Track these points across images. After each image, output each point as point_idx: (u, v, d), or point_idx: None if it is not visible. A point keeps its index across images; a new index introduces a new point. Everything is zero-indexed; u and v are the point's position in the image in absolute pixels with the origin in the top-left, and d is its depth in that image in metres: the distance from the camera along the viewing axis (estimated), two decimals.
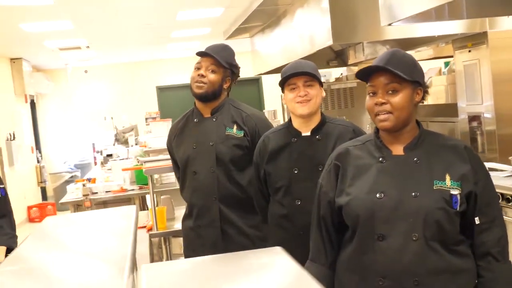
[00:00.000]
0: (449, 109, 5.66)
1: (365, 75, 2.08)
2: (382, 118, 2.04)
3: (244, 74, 3.61)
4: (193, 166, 3.11)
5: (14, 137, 9.67)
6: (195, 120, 3.18)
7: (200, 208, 3.11)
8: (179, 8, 7.21)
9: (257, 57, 8.86)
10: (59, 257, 1.90)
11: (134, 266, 1.69)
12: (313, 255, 2.27)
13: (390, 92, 2.02)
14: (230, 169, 3.06)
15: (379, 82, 2.03)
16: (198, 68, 3.09)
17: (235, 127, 3.09)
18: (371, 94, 2.07)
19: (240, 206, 3.07)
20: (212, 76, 3.07)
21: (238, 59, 3.22)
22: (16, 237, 3.37)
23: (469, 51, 5.21)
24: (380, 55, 2.10)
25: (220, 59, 3.07)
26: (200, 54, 3.11)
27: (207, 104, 3.13)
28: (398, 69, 2.00)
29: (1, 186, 3.37)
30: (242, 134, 3.08)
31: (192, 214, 3.18)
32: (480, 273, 2.04)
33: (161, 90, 13.23)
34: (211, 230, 3.09)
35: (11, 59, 10.30)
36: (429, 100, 2.34)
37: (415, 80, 2.05)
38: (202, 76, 3.06)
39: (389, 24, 3.91)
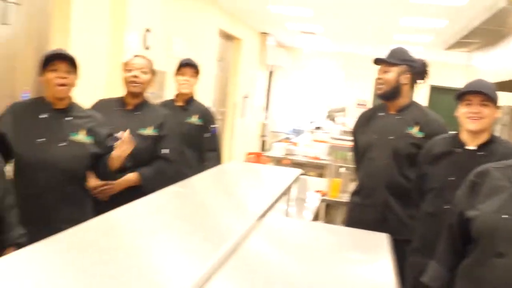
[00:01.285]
0: None
1: None
2: None
3: (454, 84, 3.53)
4: (371, 153, 3.13)
5: (249, 96, 10.44)
6: (380, 113, 3.19)
7: (369, 190, 3.13)
8: (402, 14, 7.12)
9: (472, 71, 8.41)
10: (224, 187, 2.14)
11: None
12: (438, 256, 2.27)
13: None
14: (402, 163, 3.03)
15: None
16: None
17: (416, 127, 3.04)
18: None
19: (404, 197, 3.03)
20: (387, 76, 3.08)
21: (452, 70, 3.15)
22: None
23: None
24: None
25: (390, 59, 3.07)
26: (376, 60, 3.14)
27: (392, 102, 3.13)
28: None
29: (214, 126, 3.74)
30: (422, 136, 3.01)
31: (360, 192, 3.22)
32: None
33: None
34: (374, 211, 3.09)
35: (260, 33, 11.04)
36: None
37: None
38: (379, 78, 3.11)
39: None
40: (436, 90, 11.63)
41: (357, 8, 7.15)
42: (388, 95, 3.12)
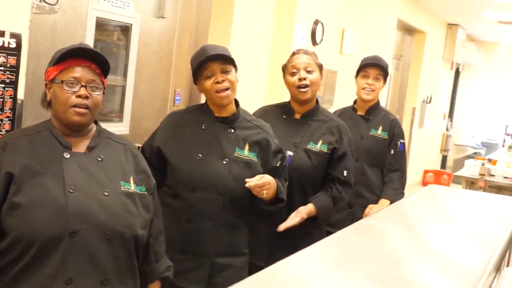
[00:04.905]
0: None
1: None
2: None
3: None
4: None
5: (430, 100, 9.91)
6: None
7: None
8: None
9: None
10: (436, 226, 1.89)
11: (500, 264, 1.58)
12: None
13: None
14: None
15: None
16: None
17: None
18: None
19: None
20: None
21: None
22: (403, 194, 3.41)
23: None
24: None
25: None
26: None
27: None
28: None
29: (402, 141, 3.44)
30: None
31: None
32: None
33: None
34: None
35: (448, 24, 10.45)
36: None
37: None
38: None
39: None
40: None
41: None
42: None
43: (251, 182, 2.27)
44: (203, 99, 2.58)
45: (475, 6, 8.25)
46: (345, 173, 2.81)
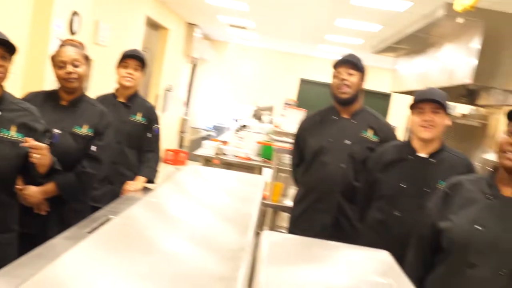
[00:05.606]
0: None
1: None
2: (510, 157, 1.96)
3: (379, 87, 3.55)
4: (324, 157, 3.11)
5: (171, 89, 10.16)
6: (333, 117, 3.18)
7: (321, 194, 3.12)
8: (339, 15, 7.18)
9: (396, 76, 8.64)
10: (198, 198, 1.95)
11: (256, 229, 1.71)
12: (406, 268, 2.24)
13: None
14: (358, 167, 3.04)
15: None
16: (337, 76, 3.09)
17: (371, 131, 3.10)
18: (510, 133, 1.98)
19: (356, 202, 3.04)
20: (353, 80, 3.08)
21: (378, 74, 3.20)
22: (157, 171, 3.49)
23: None
24: None
25: (357, 63, 3.08)
26: (341, 62, 3.10)
27: (348, 107, 3.14)
28: None
29: (157, 126, 3.49)
30: (377, 140, 3.07)
31: (307, 197, 3.19)
32: None
33: (303, 82, 13.30)
34: (325, 215, 3.09)
35: (188, 23, 10.77)
36: None
37: None
38: (344, 80, 3.07)
39: None
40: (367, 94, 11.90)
41: (296, 5, 7.13)
42: (351, 100, 3.11)
43: (28, 142, 2.20)
44: None
45: (210, 10, 8.65)
46: (94, 148, 2.78)
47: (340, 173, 3.07)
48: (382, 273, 1.51)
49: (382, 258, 1.61)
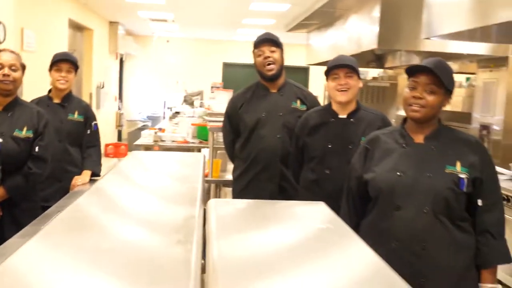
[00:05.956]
0: (463, 117, 5.66)
1: (412, 71, 2.10)
2: (415, 109, 2.08)
3: (296, 62, 3.63)
4: (261, 130, 3.15)
5: (103, 86, 9.95)
6: (263, 93, 3.22)
7: (263, 165, 3.15)
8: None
9: (310, 50, 8.86)
10: (142, 182, 1.96)
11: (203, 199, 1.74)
12: (340, 218, 2.35)
13: (428, 91, 2.05)
14: (292, 136, 3.06)
15: (422, 80, 2.06)
16: (261, 55, 3.13)
17: (298, 102, 3.17)
18: (411, 88, 2.09)
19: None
20: (276, 56, 3.13)
21: (294, 50, 3.26)
22: (101, 165, 3.48)
23: (491, 70, 5.17)
24: (428, 59, 2.11)
25: (276, 40, 3.14)
26: (262, 41, 3.14)
27: (275, 82, 3.19)
28: (442, 76, 2.03)
29: (95, 122, 3.47)
30: (305, 108, 3.13)
31: (250, 169, 3.20)
32: (478, 247, 2.07)
33: (226, 65, 13.30)
34: (270, 184, 3.14)
35: (110, 22, 10.54)
36: (447, 107, 2.29)
37: (449, 89, 2.08)
38: (268, 57, 3.11)
39: (428, 38, 3.90)
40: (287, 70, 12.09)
41: None
42: (278, 75, 3.17)
43: None
44: None
45: (130, 7, 8.50)
46: (36, 149, 2.78)
47: (278, 143, 3.13)
48: (321, 221, 1.61)
49: (319, 209, 1.72)
